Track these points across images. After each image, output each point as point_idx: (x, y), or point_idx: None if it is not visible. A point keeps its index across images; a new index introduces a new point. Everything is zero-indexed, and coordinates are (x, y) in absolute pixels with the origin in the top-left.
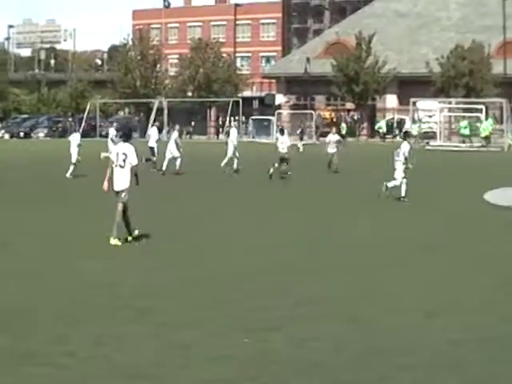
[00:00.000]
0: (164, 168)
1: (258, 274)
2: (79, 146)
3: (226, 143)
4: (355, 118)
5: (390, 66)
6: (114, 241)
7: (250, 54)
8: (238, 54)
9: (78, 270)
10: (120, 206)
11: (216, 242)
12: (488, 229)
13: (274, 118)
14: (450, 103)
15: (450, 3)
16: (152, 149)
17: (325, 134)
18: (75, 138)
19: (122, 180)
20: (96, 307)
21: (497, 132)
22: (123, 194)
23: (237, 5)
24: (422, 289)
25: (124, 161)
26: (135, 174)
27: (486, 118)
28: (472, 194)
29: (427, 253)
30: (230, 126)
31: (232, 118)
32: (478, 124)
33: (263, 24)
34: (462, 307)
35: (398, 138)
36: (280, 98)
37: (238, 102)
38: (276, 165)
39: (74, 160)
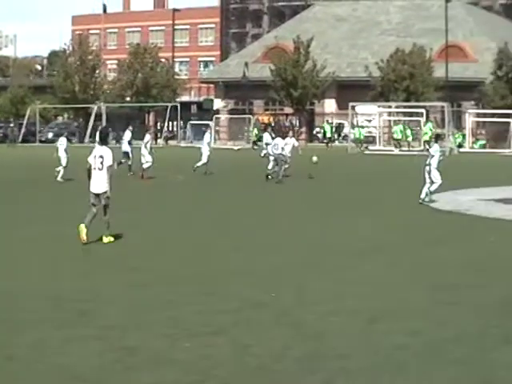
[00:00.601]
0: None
1: (204, 278)
2: (66, 150)
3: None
4: (293, 122)
5: (329, 70)
6: (106, 239)
7: (188, 59)
8: (176, 59)
9: (20, 274)
10: (95, 210)
11: (164, 245)
12: (428, 233)
13: (212, 123)
14: (389, 107)
15: (390, 7)
16: (126, 153)
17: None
18: (63, 143)
19: (101, 182)
20: (38, 310)
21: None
22: (105, 196)
23: (175, 10)
24: (363, 294)
25: (101, 163)
26: (110, 175)
27: (426, 122)
28: (413, 199)
29: (369, 257)
30: (205, 130)
31: (208, 124)
32: (418, 128)
33: (201, 29)
34: (404, 312)
35: (336, 143)
36: (218, 103)
37: (176, 107)
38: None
39: (64, 164)
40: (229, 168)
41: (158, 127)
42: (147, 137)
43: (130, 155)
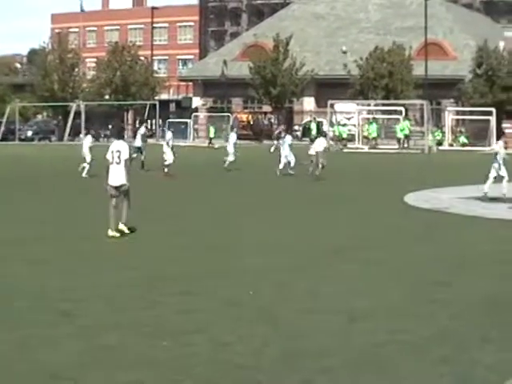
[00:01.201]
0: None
1: (182, 277)
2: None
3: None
4: (272, 120)
5: (308, 68)
6: (124, 227)
7: (167, 57)
8: (155, 57)
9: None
10: (114, 201)
11: (144, 244)
12: (408, 231)
13: (190, 121)
14: (368, 105)
15: (370, 5)
16: (139, 148)
17: (241, 137)
18: (87, 140)
19: (119, 175)
20: (19, 309)
21: (417, 134)
22: (124, 187)
23: (154, 8)
24: (342, 292)
25: (119, 157)
26: (127, 167)
27: (404, 120)
28: (392, 196)
29: (350, 255)
30: (231, 130)
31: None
32: (396, 126)
33: (180, 27)
34: (383, 309)
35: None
36: (197, 101)
37: (155, 105)
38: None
39: (88, 160)
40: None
41: (137, 125)
42: (169, 134)
43: (143, 151)
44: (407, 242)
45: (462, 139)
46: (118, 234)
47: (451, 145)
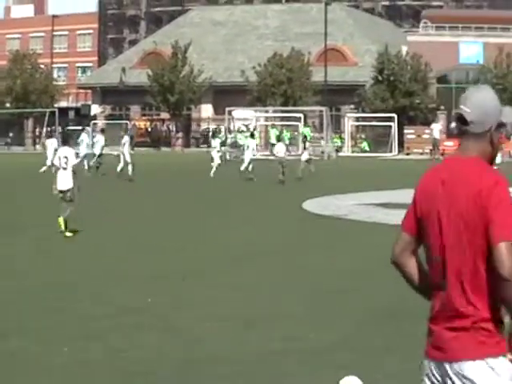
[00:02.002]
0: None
1: (81, 283)
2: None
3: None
4: (170, 127)
5: (206, 75)
6: (69, 233)
7: (66, 65)
8: (55, 65)
9: None
10: (65, 204)
11: (48, 249)
12: (306, 238)
13: (89, 129)
14: (266, 112)
15: (268, 11)
16: (99, 155)
17: (139, 144)
18: (126, 141)
19: (66, 180)
20: None
21: (316, 141)
22: (69, 193)
23: (54, 16)
24: (238, 299)
25: (66, 163)
26: (74, 171)
27: (304, 127)
28: (291, 203)
29: (246, 262)
30: (215, 136)
31: (219, 130)
32: (296, 133)
33: (80, 35)
34: (280, 317)
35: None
36: (96, 109)
37: (54, 113)
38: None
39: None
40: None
41: (37, 133)
42: (125, 138)
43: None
44: (305, 249)
45: (364, 145)
46: (70, 234)
47: (353, 151)
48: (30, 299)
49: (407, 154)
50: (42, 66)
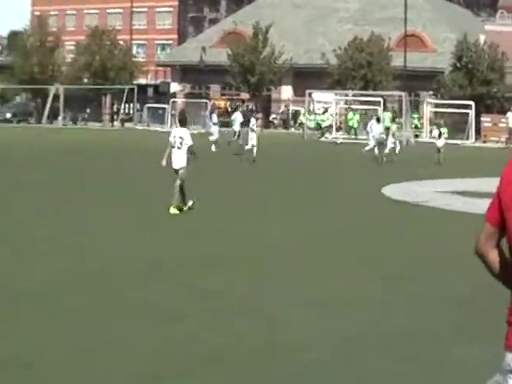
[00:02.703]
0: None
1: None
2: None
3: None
4: (250, 107)
5: (286, 57)
6: (173, 210)
7: (145, 42)
8: (134, 42)
9: None
10: (178, 182)
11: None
12: (383, 224)
13: (168, 107)
14: (346, 95)
15: None
16: (235, 132)
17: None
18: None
19: (179, 159)
20: None
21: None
22: (181, 171)
23: None
24: (314, 285)
25: (181, 143)
26: (192, 152)
27: (384, 111)
28: (370, 189)
29: (328, 247)
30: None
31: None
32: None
33: (159, 12)
34: (354, 303)
35: (293, 130)
36: (175, 87)
37: (132, 90)
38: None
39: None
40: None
41: (115, 109)
42: (253, 120)
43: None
44: (381, 234)
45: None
46: (177, 212)
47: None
48: (109, 283)
49: (484, 142)
50: (121, 43)
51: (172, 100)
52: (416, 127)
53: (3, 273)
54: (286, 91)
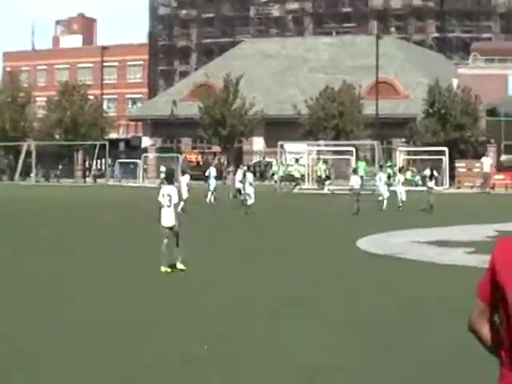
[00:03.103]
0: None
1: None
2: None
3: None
4: (222, 161)
5: (257, 108)
6: (180, 265)
7: (116, 96)
8: (105, 96)
9: None
10: (166, 240)
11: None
12: (367, 279)
13: (140, 161)
14: (318, 145)
15: (319, 44)
16: (238, 190)
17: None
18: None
19: (170, 217)
20: None
21: (368, 175)
22: (175, 228)
23: (104, 47)
24: (297, 343)
25: (170, 201)
26: (175, 211)
27: (359, 161)
28: (344, 240)
29: (304, 307)
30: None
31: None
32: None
33: (130, 66)
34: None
35: (266, 182)
36: (146, 141)
37: (104, 145)
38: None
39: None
40: None
41: (87, 165)
42: (250, 175)
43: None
44: (367, 289)
45: (418, 179)
46: (169, 270)
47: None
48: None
49: (458, 188)
50: (92, 98)
51: (144, 155)
52: (389, 176)
53: None
54: (258, 143)
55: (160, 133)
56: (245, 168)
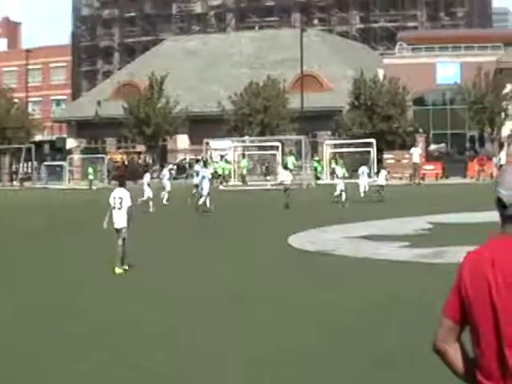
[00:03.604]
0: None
1: None
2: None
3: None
4: (147, 160)
5: (182, 106)
6: (118, 270)
7: (41, 98)
8: (30, 99)
9: None
10: (120, 241)
11: None
12: (297, 278)
13: (66, 164)
14: (243, 142)
15: (242, 39)
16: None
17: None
18: (147, 178)
19: (120, 219)
20: None
21: (295, 169)
22: (123, 231)
23: (27, 50)
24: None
25: (120, 203)
26: (130, 214)
27: (288, 156)
28: (275, 238)
29: (237, 304)
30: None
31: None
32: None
33: (53, 68)
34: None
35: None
36: (71, 142)
37: (30, 149)
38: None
39: (146, 197)
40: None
41: (14, 169)
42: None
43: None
44: (297, 289)
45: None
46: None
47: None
48: None
49: (386, 180)
50: (17, 101)
51: (69, 157)
52: (316, 169)
53: None
54: (182, 140)
55: (85, 134)
56: (170, 166)
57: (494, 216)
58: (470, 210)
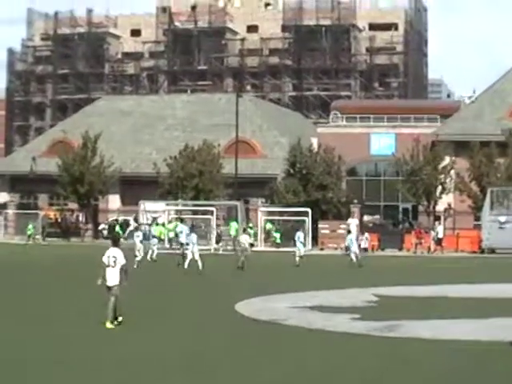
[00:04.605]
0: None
1: None
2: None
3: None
4: (80, 218)
5: (115, 166)
6: (109, 325)
7: None
8: None
9: None
10: (112, 299)
11: None
12: (253, 348)
13: (1, 218)
14: (177, 205)
15: (177, 102)
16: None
17: (51, 235)
18: (139, 235)
19: (113, 277)
20: None
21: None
22: (115, 289)
23: None
24: None
25: (114, 262)
26: (125, 271)
27: (231, 221)
28: (223, 305)
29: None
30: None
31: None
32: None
33: None
34: None
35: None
36: (4, 196)
37: None
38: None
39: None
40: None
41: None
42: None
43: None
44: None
45: (276, 238)
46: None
47: (266, 245)
48: None
49: (321, 249)
50: None
51: (5, 211)
52: (250, 236)
53: None
54: (114, 201)
55: (18, 189)
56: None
57: (438, 290)
58: (413, 283)
